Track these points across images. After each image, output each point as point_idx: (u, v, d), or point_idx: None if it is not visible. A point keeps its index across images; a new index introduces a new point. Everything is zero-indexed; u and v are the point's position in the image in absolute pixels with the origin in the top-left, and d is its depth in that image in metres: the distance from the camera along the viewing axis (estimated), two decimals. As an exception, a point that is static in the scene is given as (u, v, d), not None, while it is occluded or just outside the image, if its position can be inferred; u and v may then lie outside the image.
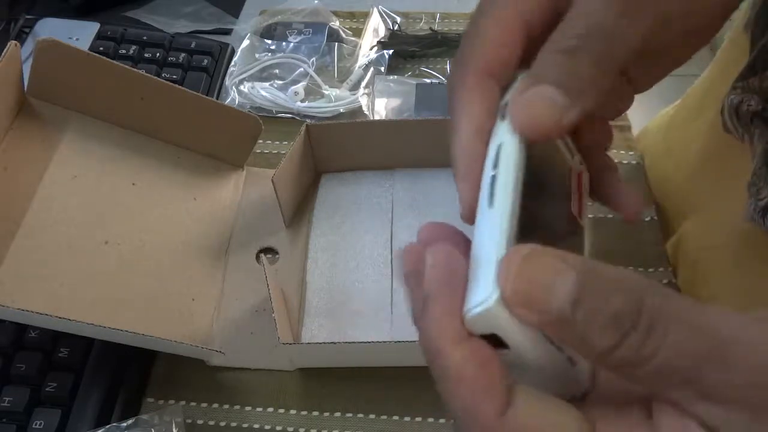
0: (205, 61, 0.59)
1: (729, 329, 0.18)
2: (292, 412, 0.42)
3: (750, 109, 0.37)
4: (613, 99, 0.27)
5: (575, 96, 0.21)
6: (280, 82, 0.59)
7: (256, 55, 0.61)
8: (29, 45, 0.59)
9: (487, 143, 0.23)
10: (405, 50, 0.61)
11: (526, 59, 0.24)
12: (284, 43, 0.62)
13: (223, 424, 0.42)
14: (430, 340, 0.20)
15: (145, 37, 0.60)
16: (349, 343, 0.43)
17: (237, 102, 0.57)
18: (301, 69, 0.59)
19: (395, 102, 0.58)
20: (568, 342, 0.19)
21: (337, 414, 0.42)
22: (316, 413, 0.42)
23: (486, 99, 0.24)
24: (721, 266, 0.43)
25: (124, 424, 0.40)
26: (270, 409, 0.42)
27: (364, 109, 0.57)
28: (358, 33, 0.63)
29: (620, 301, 0.18)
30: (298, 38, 0.62)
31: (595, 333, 0.18)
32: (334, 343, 0.43)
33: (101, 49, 0.59)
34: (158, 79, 0.47)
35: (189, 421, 0.42)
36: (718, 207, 0.45)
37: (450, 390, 0.19)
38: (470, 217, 0.22)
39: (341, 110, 0.57)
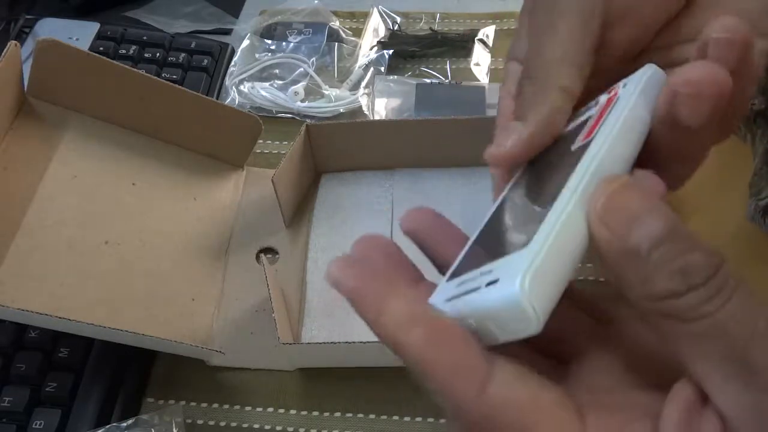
0: (205, 61, 0.59)
1: None
2: (292, 412, 0.42)
3: (754, 108, 0.37)
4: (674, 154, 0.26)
5: (526, 117, 0.25)
6: (280, 82, 0.59)
7: (256, 55, 0.61)
8: (29, 45, 0.59)
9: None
10: (405, 50, 0.61)
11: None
12: (284, 43, 0.62)
13: (223, 424, 0.42)
14: (387, 329, 0.20)
15: (145, 37, 0.60)
16: (349, 343, 0.43)
17: (237, 102, 0.57)
18: (301, 69, 0.59)
19: (395, 102, 0.58)
20: (623, 277, 0.19)
21: (337, 414, 0.42)
22: (316, 413, 0.42)
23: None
24: None
25: (124, 424, 0.40)
26: (270, 409, 0.42)
27: (364, 109, 0.57)
28: (358, 33, 0.63)
29: (700, 257, 0.18)
30: (298, 38, 0.62)
31: (663, 276, 0.18)
32: (334, 343, 0.43)
33: (101, 49, 0.59)
34: (158, 79, 0.47)
35: (189, 421, 0.42)
36: (719, 208, 0.45)
37: (423, 375, 0.19)
38: None
39: (341, 110, 0.57)
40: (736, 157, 0.41)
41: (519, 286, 0.18)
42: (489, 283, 0.19)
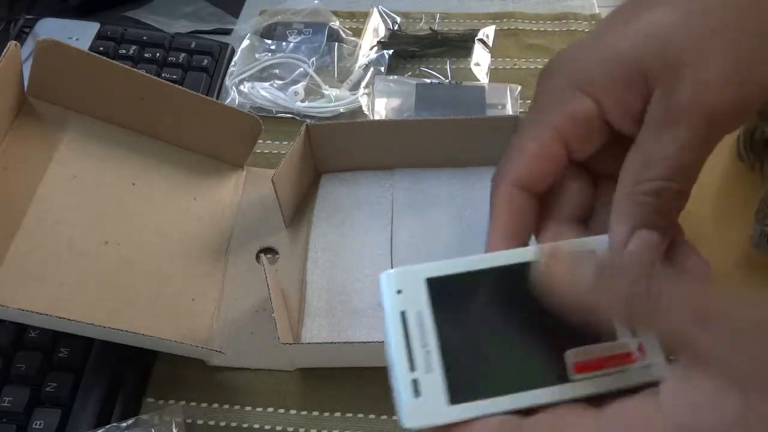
0: (205, 61, 0.59)
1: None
2: (292, 412, 0.42)
3: (764, 136, 0.38)
4: None
5: (667, 231, 0.25)
6: (280, 82, 0.59)
7: (256, 55, 0.61)
8: (29, 45, 0.59)
9: (508, 247, 0.27)
10: (405, 50, 0.61)
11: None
12: (284, 43, 0.62)
13: (223, 424, 0.42)
14: None
15: (145, 37, 0.60)
16: (349, 343, 0.43)
17: (237, 102, 0.57)
18: (301, 69, 0.59)
19: (395, 102, 0.58)
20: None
21: (337, 414, 0.42)
22: (316, 413, 0.42)
23: (511, 209, 0.27)
24: None
25: (124, 424, 0.40)
26: (270, 409, 0.42)
27: (364, 109, 0.57)
28: (358, 33, 0.63)
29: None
30: (298, 38, 0.62)
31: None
32: (334, 343, 0.43)
33: (101, 49, 0.59)
34: (158, 79, 0.47)
35: (189, 421, 0.42)
36: (724, 235, 0.45)
37: None
38: None
39: (341, 110, 0.57)
40: (742, 186, 0.41)
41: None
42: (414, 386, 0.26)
